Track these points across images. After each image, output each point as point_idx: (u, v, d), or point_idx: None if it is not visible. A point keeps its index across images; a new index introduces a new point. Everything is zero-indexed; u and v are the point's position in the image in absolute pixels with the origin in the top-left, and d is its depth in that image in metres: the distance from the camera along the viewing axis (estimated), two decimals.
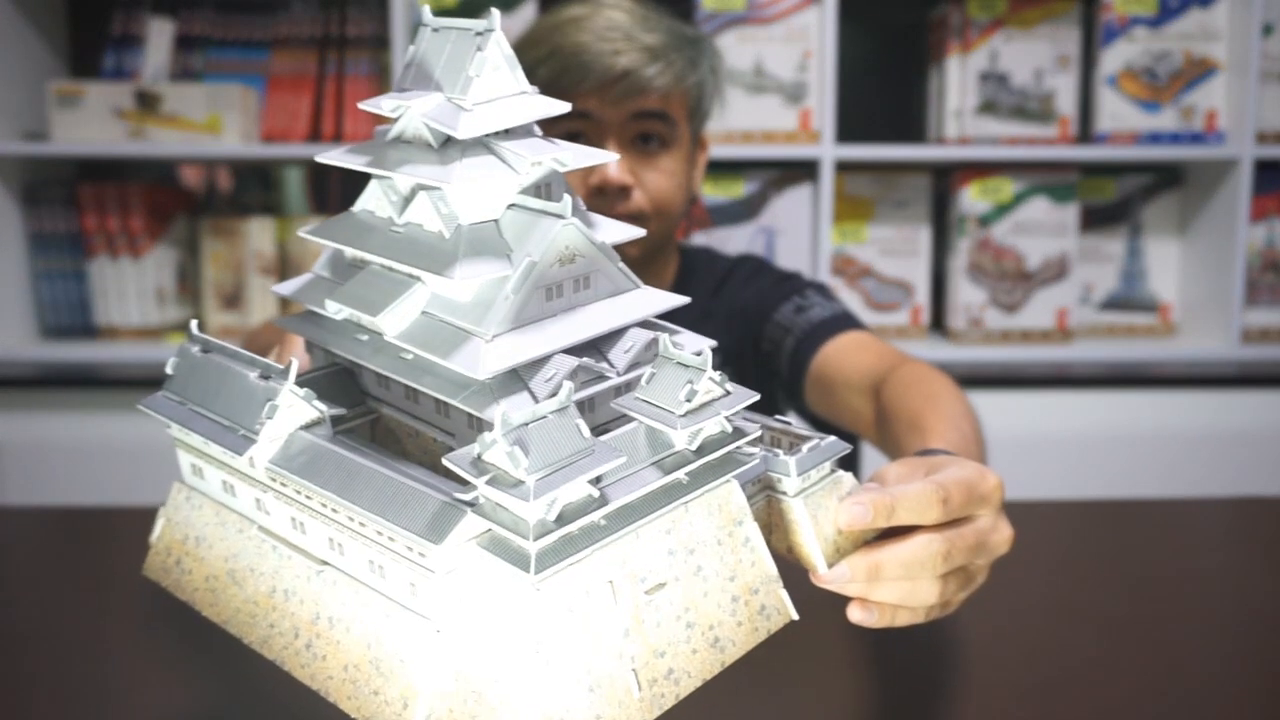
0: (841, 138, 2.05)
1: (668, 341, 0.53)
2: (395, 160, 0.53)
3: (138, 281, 2.11)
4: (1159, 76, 2.07)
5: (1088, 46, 2.10)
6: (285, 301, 2.06)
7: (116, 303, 2.12)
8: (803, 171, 2.09)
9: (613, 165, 1.14)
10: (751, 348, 1.30)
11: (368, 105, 0.54)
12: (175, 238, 2.16)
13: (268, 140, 2.09)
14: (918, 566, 0.61)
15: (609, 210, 1.14)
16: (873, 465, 1.47)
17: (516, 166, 0.53)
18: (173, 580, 0.60)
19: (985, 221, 2.11)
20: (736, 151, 2.02)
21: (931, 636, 0.89)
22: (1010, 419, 1.97)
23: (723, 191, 2.11)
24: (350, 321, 0.56)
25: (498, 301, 0.51)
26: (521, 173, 0.53)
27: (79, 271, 2.13)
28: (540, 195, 0.55)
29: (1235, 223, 2.02)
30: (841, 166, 2.08)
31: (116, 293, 2.12)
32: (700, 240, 2.09)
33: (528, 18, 1.97)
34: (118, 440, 1.96)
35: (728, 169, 2.10)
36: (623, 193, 1.16)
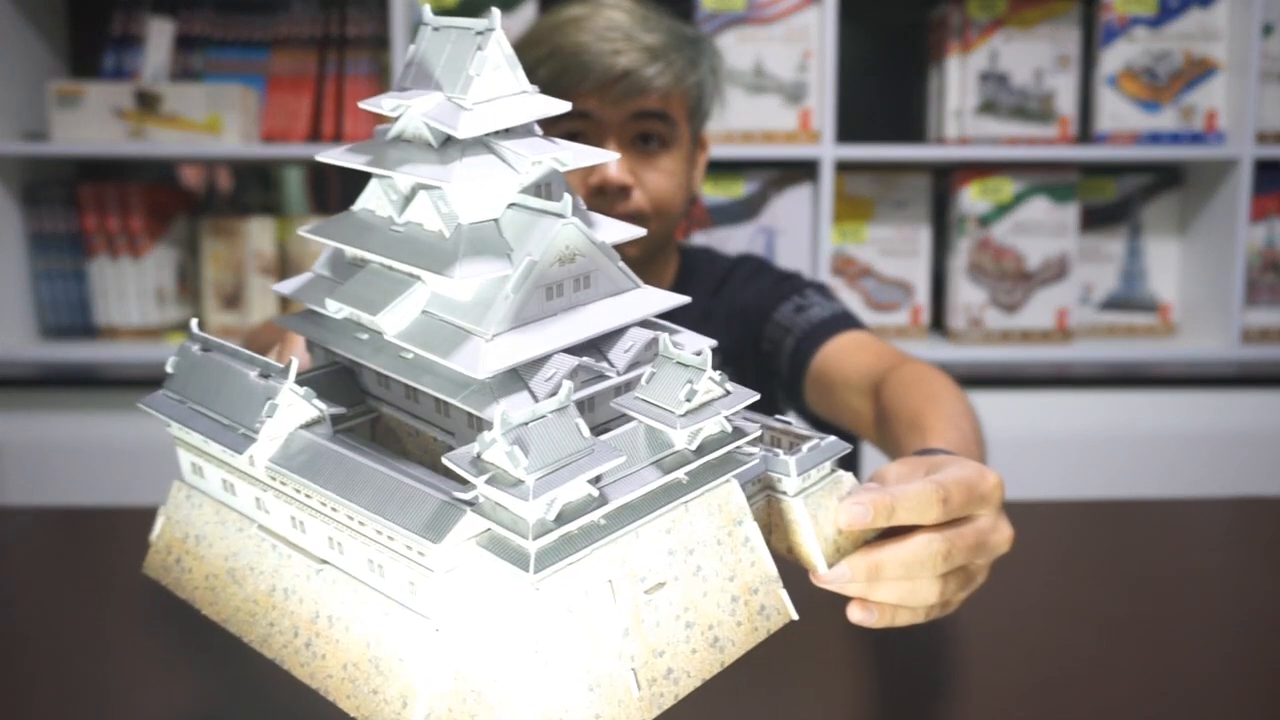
0: (841, 138, 2.05)
1: (668, 341, 0.53)
2: (395, 159, 0.53)
3: (138, 281, 2.11)
4: (1159, 76, 2.07)
5: (1088, 46, 2.10)
6: (285, 301, 2.06)
7: (116, 303, 2.12)
8: (803, 171, 2.09)
9: (613, 165, 1.14)
10: (751, 348, 1.30)
11: (368, 104, 0.54)
12: (175, 238, 2.17)
13: (268, 140, 2.09)
14: (918, 566, 0.61)
15: (609, 210, 1.14)
16: (873, 465, 1.47)
17: (516, 166, 0.53)
18: (173, 579, 0.60)
19: (985, 221, 2.11)
20: (736, 151, 2.02)
21: (931, 636, 0.89)
22: (1010, 419, 1.97)
23: (723, 191, 2.11)
24: (350, 320, 0.56)
25: (498, 301, 0.51)
26: (521, 172, 0.53)
27: (79, 271, 2.13)
28: (540, 195, 0.55)
29: (1235, 223, 2.02)
30: (841, 166, 2.08)
31: (116, 293, 2.12)
32: (700, 240, 2.09)
33: (528, 18, 1.97)
34: (118, 440, 1.96)
35: (728, 169, 2.10)
36: (623, 193, 1.16)
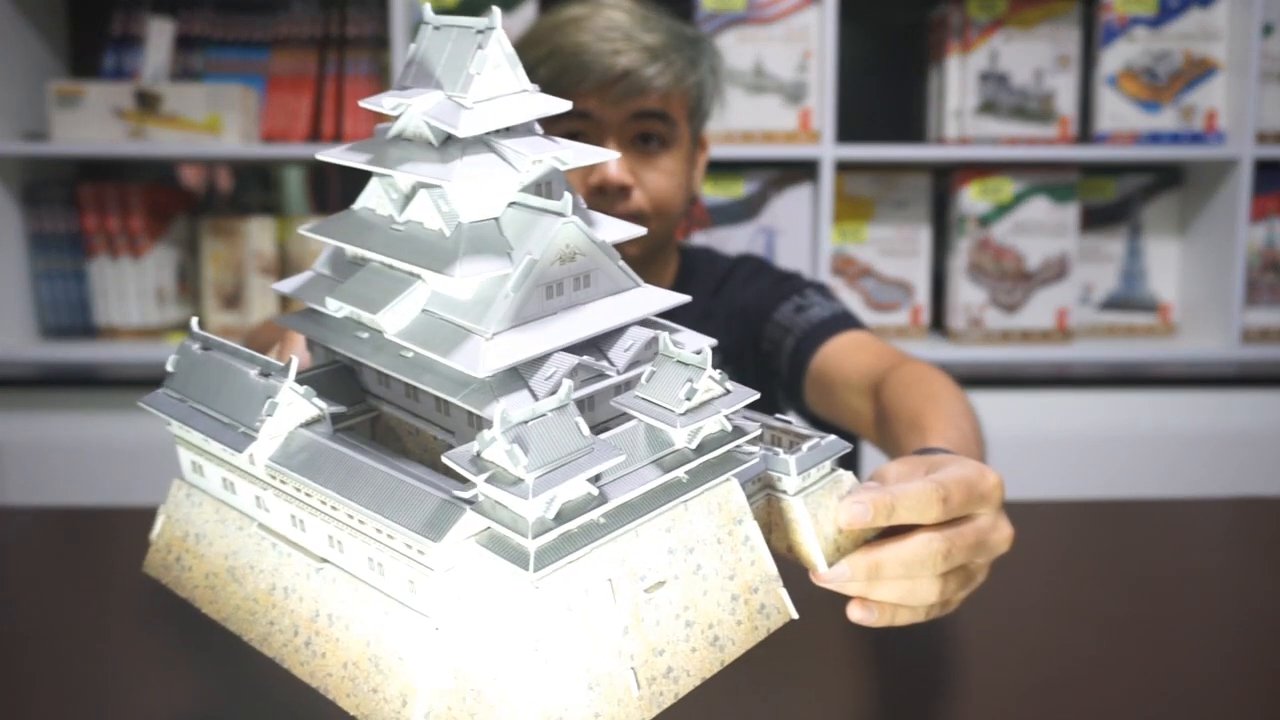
0: (841, 138, 2.05)
1: (668, 340, 0.53)
2: (396, 158, 0.53)
3: (138, 281, 2.11)
4: (1159, 76, 2.07)
5: (1088, 46, 2.10)
6: (285, 300, 2.06)
7: (116, 303, 2.12)
8: (803, 171, 2.09)
9: (613, 165, 1.14)
10: (751, 347, 1.30)
11: (369, 103, 0.54)
12: (175, 238, 2.17)
13: (268, 140, 2.09)
14: (918, 565, 0.61)
15: (609, 210, 1.14)
16: (873, 465, 1.47)
17: (517, 164, 0.53)
18: (173, 577, 0.60)
19: (985, 221, 2.11)
20: (736, 151, 2.02)
21: (931, 636, 0.89)
22: (1010, 419, 1.97)
23: (723, 191, 2.11)
24: (350, 319, 0.56)
25: (498, 299, 0.51)
26: (522, 171, 0.53)
27: (79, 271, 2.13)
28: (541, 193, 0.55)
29: (1235, 223, 2.02)
30: (841, 166, 2.08)
31: (116, 293, 2.12)
32: (700, 240, 2.09)
33: (528, 18, 1.97)
34: (118, 440, 1.96)
35: (728, 169, 2.10)
36: (623, 192, 1.16)
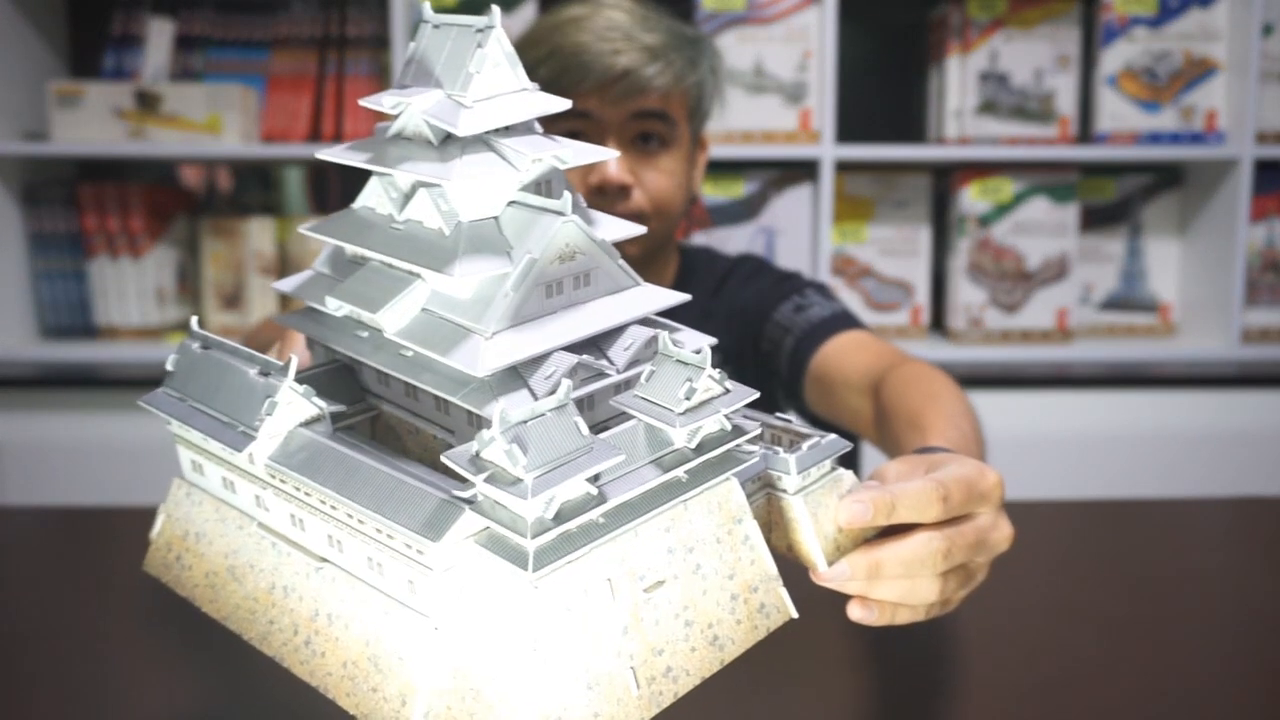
0: (841, 138, 2.05)
1: (667, 339, 0.53)
2: (395, 157, 0.53)
3: (138, 281, 2.11)
4: (1159, 76, 2.07)
5: (1088, 46, 2.10)
6: (285, 300, 2.06)
7: (116, 303, 2.12)
8: (803, 171, 2.09)
9: (613, 164, 1.14)
10: (751, 347, 1.30)
11: (368, 102, 0.54)
12: (175, 238, 2.17)
13: (268, 140, 2.09)
14: (918, 564, 0.61)
15: (609, 210, 1.13)
16: (873, 464, 1.47)
17: (516, 163, 0.53)
18: (173, 576, 0.60)
19: (985, 221, 2.11)
20: (736, 151, 2.02)
21: (931, 635, 0.89)
22: (1010, 419, 1.97)
23: (723, 191, 2.11)
24: (350, 318, 0.56)
25: (497, 299, 0.51)
26: (521, 170, 0.53)
27: (79, 271, 2.13)
28: (540, 192, 0.55)
29: (1235, 223, 2.02)
30: (841, 166, 2.08)
31: (116, 293, 2.12)
32: (700, 240, 2.09)
33: (528, 18, 1.97)
34: (118, 440, 1.96)
35: (728, 169, 2.10)
36: (623, 192, 1.16)
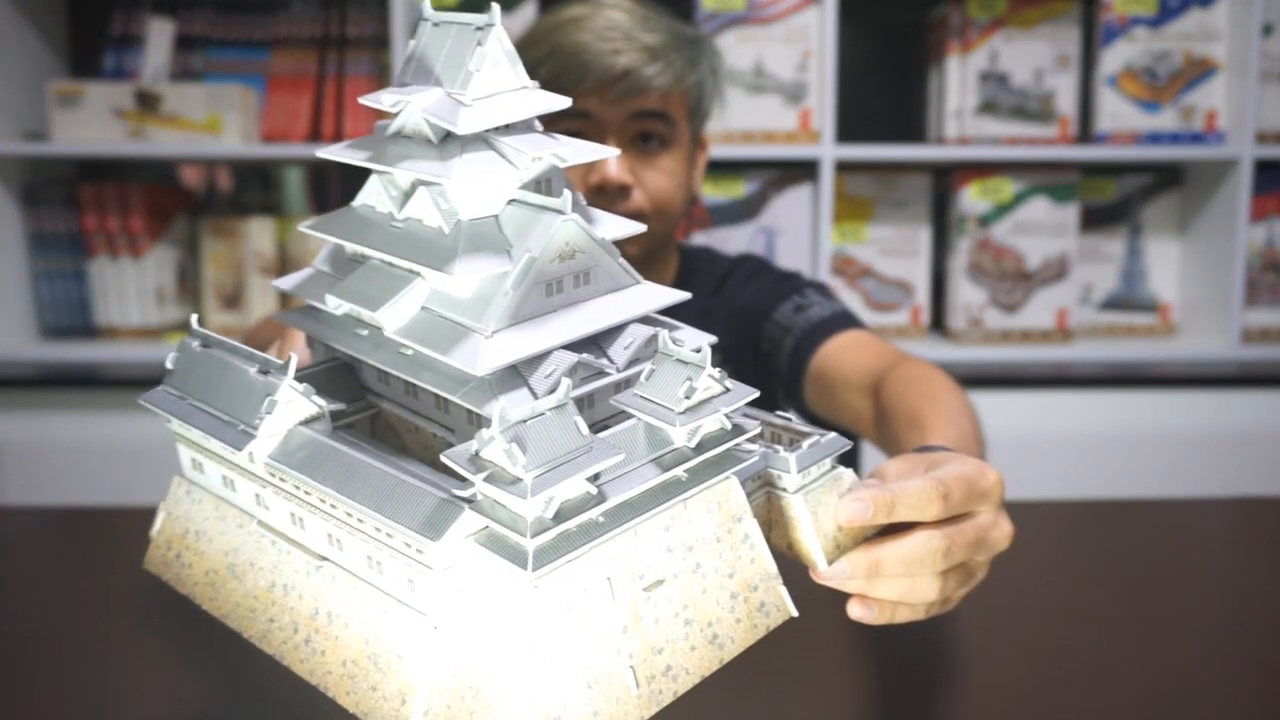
0: (841, 138, 2.05)
1: (667, 338, 0.53)
2: (395, 155, 0.53)
3: (138, 281, 2.11)
4: (1159, 76, 2.07)
5: (1088, 46, 2.10)
6: (285, 299, 2.06)
7: (116, 303, 2.12)
8: (803, 171, 2.09)
9: (613, 164, 1.14)
10: (751, 347, 1.30)
11: (368, 100, 0.54)
12: (175, 238, 2.16)
13: (268, 140, 2.09)
14: (918, 563, 0.60)
15: (609, 210, 1.13)
16: (873, 463, 1.47)
17: (516, 162, 0.53)
18: (173, 574, 0.60)
19: (985, 221, 2.11)
20: (736, 151, 2.02)
21: (931, 635, 0.89)
22: (1010, 419, 1.97)
23: (723, 191, 2.11)
24: (350, 316, 0.56)
25: (497, 297, 0.51)
26: (521, 168, 0.53)
27: (79, 271, 2.13)
28: (540, 191, 0.54)
29: (1235, 223, 2.02)
30: (841, 166, 2.08)
31: (116, 293, 2.12)
32: (700, 240, 2.09)
33: (528, 17, 1.97)
34: (118, 440, 1.96)
35: (728, 169, 2.10)
36: (622, 192, 1.16)
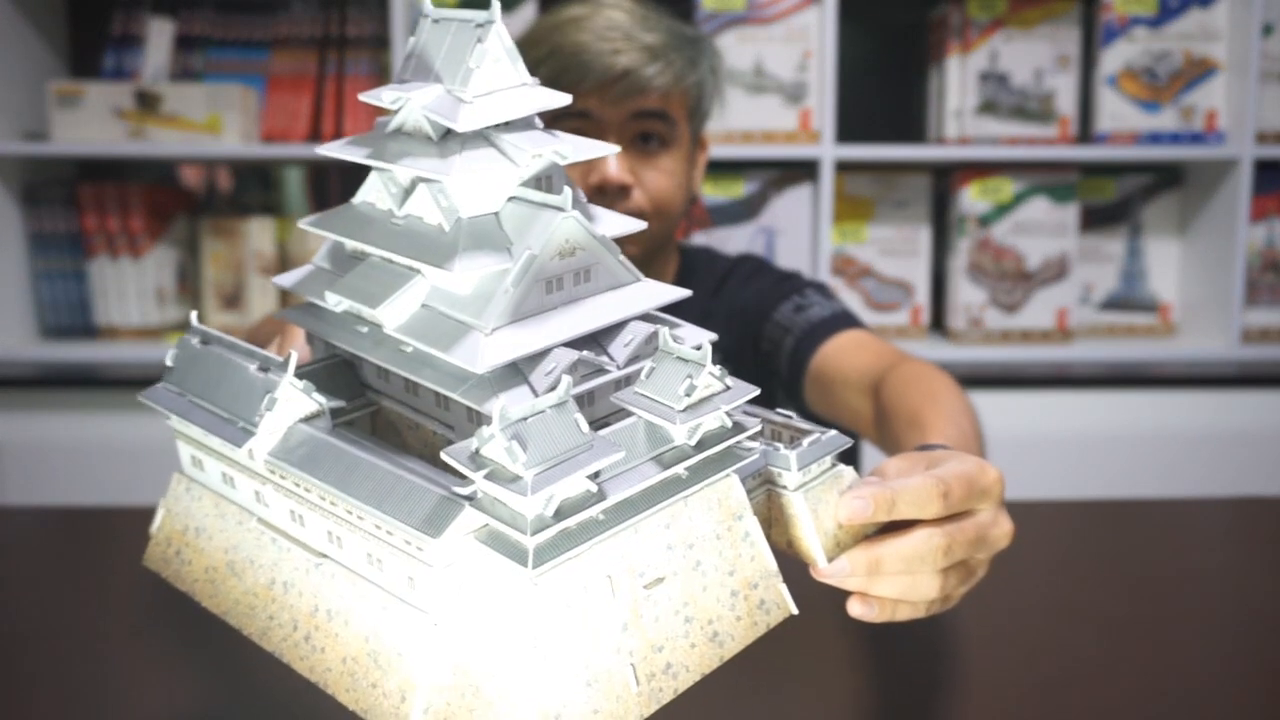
0: (841, 138, 2.05)
1: (667, 335, 0.53)
2: (395, 152, 0.53)
3: (138, 281, 2.11)
4: (1159, 76, 2.07)
5: (1088, 46, 2.10)
6: (285, 298, 2.06)
7: (116, 303, 2.12)
8: (803, 171, 2.09)
9: (612, 164, 1.14)
10: (751, 347, 1.30)
11: (368, 96, 0.54)
12: (175, 238, 2.16)
13: (268, 140, 2.09)
14: (918, 561, 0.60)
15: (609, 209, 1.14)
16: (873, 463, 1.47)
17: (516, 159, 0.53)
18: (172, 571, 0.60)
19: (985, 221, 2.11)
20: (736, 151, 2.02)
21: (931, 634, 0.89)
22: (1010, 419, 1.97)
23: (723, 191, 2.11)
24: (350, 314, 0.56)
25: (497, 295, 0.51)
26: (521, 165, 0.53)
27: (79, 271, 2.13)
28: (540, 188, 0.54)
29: (1235, 223, 2.02)
30: (841, 166, 2.08)
31: (116, 293, 2.12)
32: (700, 240, 2.09)
33: (528, 17, 1.97)
34: (118, 440, 1.96)
35: (728, 169, 2.10)
36: (623, 192, 1.16)
